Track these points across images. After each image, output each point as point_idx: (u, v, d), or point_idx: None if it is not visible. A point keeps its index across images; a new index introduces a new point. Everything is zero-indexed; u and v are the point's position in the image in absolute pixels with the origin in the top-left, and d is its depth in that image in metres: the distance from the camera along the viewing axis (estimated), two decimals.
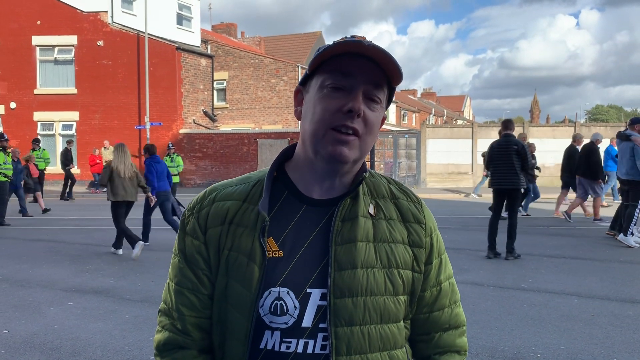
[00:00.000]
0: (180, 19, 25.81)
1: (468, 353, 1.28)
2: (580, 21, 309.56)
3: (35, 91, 23.39)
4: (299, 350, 1.08)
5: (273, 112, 28.05)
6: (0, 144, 11.87)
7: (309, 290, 1.08)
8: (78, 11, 22.91)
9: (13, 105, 23.55)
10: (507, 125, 7.90)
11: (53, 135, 23.55)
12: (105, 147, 20.48)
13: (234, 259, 1.11)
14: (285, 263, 1.09)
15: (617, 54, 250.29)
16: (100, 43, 22.81)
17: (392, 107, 42.31)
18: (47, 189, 17.66)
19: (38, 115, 23.42)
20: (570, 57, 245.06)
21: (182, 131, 22.91)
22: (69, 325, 4.79)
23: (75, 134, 23.21)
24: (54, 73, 23.54)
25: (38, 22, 23.08)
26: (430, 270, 1.19)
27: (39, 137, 20.86)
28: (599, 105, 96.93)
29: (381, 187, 1.21)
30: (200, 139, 22.88)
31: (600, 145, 11.33)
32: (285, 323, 1.08)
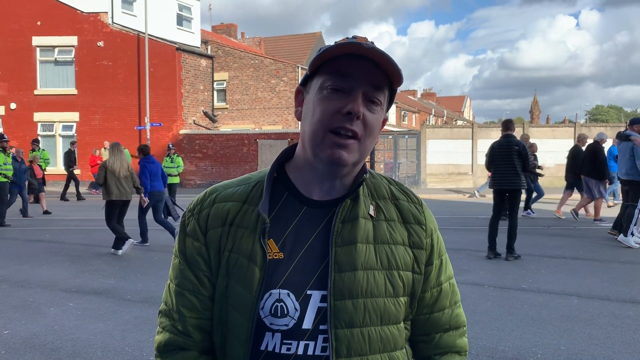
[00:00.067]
0: (180, 20, 25.82)
1: (468, 353, 1.27)
2: (580, 22, 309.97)
3: (36, 92, 23.40)
4: (300, 352, 1.08)
5: (273, 113, 28.06)
6: (0, 144, 11.88)
7: (309, 292, 1.08)
8: (78, 12, 22.92)
9: (13, 105, 23.57)
10: (508, 125, 7.90)
11: (53, 135, 23.58)
12: (105, 148, 20.44)
13: (234, 261, 1.11)
14: (285, 265, 1.09)
15: (617, 55, 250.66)
16: (101, 44, 22.83)
17: (392, 108, 42.21)
18: (47, 189, 17.63)
19: (38, 116, 23.44)
20: (570, 57, 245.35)
21: (182, 132, 22.92)
22: (69, 326, 4.79)
23: (75, 134, 23.23)
24: (54, 74, 23.55)
25: (38, 23, 23.10)
26: (430, 272, 1.19)
27: (38, 137, 20.90)
28: (599, 105, 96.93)
29: (382, 188, 1.20)
30: (200, 139, 22.90)
31: (604, 145, 11.29)
32: (286, 325, 1.08)
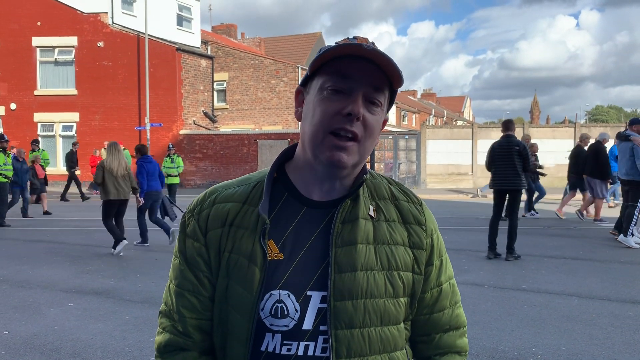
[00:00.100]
0: (180, 20, 25.83)
1: (468, 354, 1.27)
2: (580, 22, 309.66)
3: (36, 92, 23.41)
4: (300, 352, 1.08)
5: (273, 113, 28.07)
6: (0, 145, 11.88)
7: (309, 292, 1.08)
8: (78, 12, 22.93)
9: (13, 106, 23.57)
10: (508, 125, 7.90)
11: (53, 136, 23.58)
12: (105, 148, 20.47)
13: (234, 261, 1.11)
14: (285, 266, 1.09)
15: (617, 55, 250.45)
16: (101, 44, 22.83)
17: (392, 108, 42.19)
18: (47, 190, 17.62)
19: (38, 117, 23.44)
20: (570, 57, 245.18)
21: (182, 132, 22.92)
22: (69, 326, 4.79)
23: (75, 135, 23.23)
24: (54, 74, 23.56)
25: (38, 23, 23.10)
26: (430, 272, 1.19)
27: (38, 138, 20.90)
28: (599, 105, 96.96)
29: (382, 189, 1.20)
30: (200, 139, 22.90)
31: (606, 145, 11.26)
32: (286, 326, 1.08)
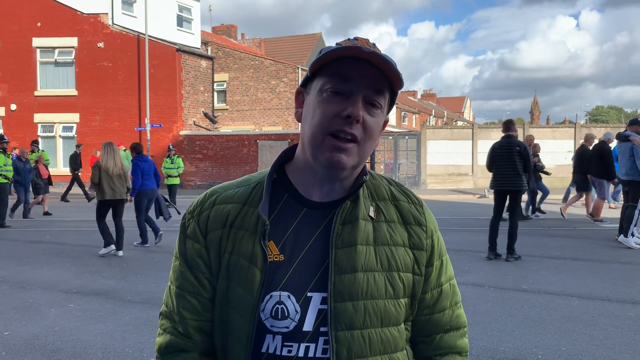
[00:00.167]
0: (180, 21, 25.84)
1: (469, 354, 1.27)
2: (580, 22, 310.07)
3: (36, 93, 23.42)
4: (300, 354, 1.08)
5: (273, 114, 28.08)
6: (1, 145, 11.88)
7: (309, 294, 1.08)
8: (78, 13, 22.94)
9: (13, 107, 23.58)
10: (508, 126, 7.89)
11: (53, 137, 23.59)
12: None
13: (235, 263, 1.10)
14: (285, 267, 1.09)
15: (617, 55, 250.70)
16: (101, 45, 22.84)
17: (392, 109, 42.23)
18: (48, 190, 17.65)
19: (38, 117, 23.45)
20: (570, 58, 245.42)
21: (182, 133, 22.93)
22: (70, 327, 4.79)
23: (75, 135, 23.25)
24: (54, 75, 23.57)
25: (38, 24, 23.12)
26: (431, 273, 1.19)
27: (38, 138, 20.92)
28: (599, 106, 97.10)
29: (382, 189, 1.20)
30: (200, 140, 22.91)
31: (610, 145, 11.22)
32: (287, 327, 1.08)
